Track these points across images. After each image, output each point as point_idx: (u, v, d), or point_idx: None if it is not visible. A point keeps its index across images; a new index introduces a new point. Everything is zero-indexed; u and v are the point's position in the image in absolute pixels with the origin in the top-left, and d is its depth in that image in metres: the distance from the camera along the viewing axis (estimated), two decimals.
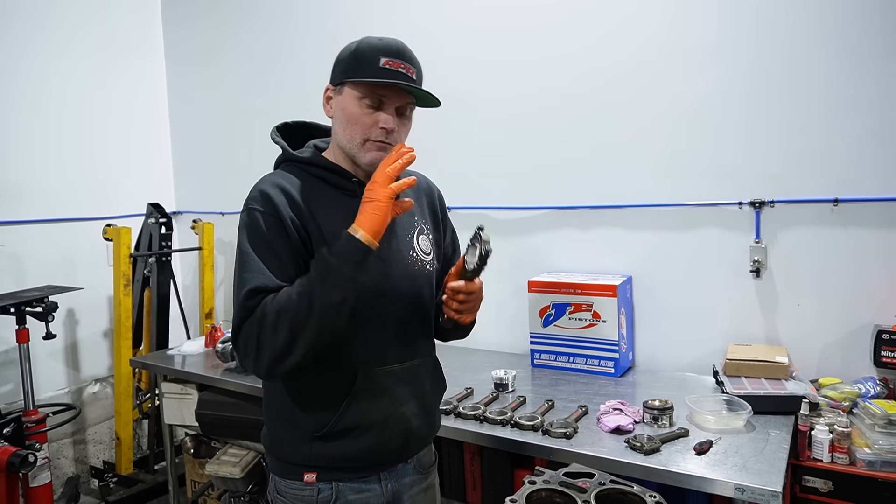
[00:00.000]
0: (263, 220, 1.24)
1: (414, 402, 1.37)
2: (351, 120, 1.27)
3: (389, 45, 1.26)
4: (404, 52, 1.28)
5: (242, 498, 2.57)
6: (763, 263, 2.19)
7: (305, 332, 1.15)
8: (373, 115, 1.27)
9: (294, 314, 1.15)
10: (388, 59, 1.24)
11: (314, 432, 1.29)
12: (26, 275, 3.22)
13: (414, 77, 1.28)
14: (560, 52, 2.52)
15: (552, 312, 2.38)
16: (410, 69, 1.28)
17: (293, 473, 1.32)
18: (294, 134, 1.45)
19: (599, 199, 2.50)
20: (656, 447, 1.64)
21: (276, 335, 1.15)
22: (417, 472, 1.43)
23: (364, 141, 1.28)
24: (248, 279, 1.21)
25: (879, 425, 1.70)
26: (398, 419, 1.34)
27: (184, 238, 3.85)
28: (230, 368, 2.58)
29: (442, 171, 2.84)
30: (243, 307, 1.20)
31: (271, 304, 1.17)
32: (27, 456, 2.38)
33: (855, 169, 2.04)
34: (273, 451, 1.37)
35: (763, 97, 2.15)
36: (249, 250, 1.23)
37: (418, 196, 1.48)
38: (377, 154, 1.28)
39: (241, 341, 1.20)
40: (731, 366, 2.03)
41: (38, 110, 3.29)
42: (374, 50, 1.25)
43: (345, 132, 1.29)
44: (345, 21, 3.07)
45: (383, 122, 1.27)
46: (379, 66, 1.24)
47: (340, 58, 1.31)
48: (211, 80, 3.72)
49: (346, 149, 1.31)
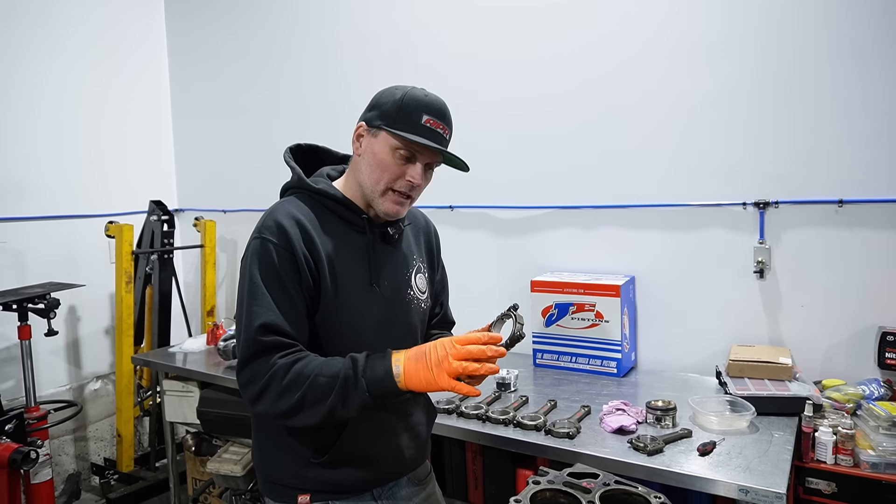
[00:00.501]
0: (277, 253, 1.23)
1: (407, 433, 1.40)
2: (381, 166, 1.28)
3: (433, 103, 1.28)
4: (445, 113, 1.30)
5: (243, 496, 2.57)
6: (767, 264, 2.18)
7: (308, 415, 1.18)
8: (403, 168, 1.28)
9: (303, 397, 1.16)
10: (430, 117, 1.26)
11: (311, 459, 1.29)
12: (28, 271, 3.22)
13: (448, 137, 1.31)
14: (564, 52, 2.51)
15: (555, 312, 2.37)
16: (447, 130, 1.30)
17: (286, 496, 1.33)
18: (305, 157, 1.45)
19: (603, 198, 2.49)
20: (659, 448, 1.64)
21: (279, 401, 1.17)
22: (413, 484, 1.44)
23: (387, 189, 1.29)
24: (259, 313, 1.20)
25: (883, 427, 1.70)
26: (392, 451, 1.36)
27: (186, 235, 3.85)
28: (231, 366, 2.58)
29: (445, 171, 2.85)
30: (256, 341, 1.19)
31: (287, 371, 1.17)
32: (29, 452, 2.38)
33: (860, 170, 2.03)
34: (266, 475, 1.36)
35: (768, 98, 2.15)
36: (260, 282, 1.22)
37: (417, 234, 1.51)
38: (395, 207, 1.31)
39: (245, 378, 1.21)
40: (734, 367, 2.02)
41: (41, 107, 3.29)
42: (420, 105, 1.27)
43: (371, 175, 1.30)
44: (346, 19, 3.06)
45: (411, 177, 1.28)
46: (421, 122, 1.25)
47: (382, 101, 1.30)
48: (213, 78, 3.71)
49: (366, 189, 1.32)
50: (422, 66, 2.85)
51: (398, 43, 2.92)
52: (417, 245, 1.49)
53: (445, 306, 1.62)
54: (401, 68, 2.90)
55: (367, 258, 1.33)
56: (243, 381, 1.21)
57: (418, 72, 2.83)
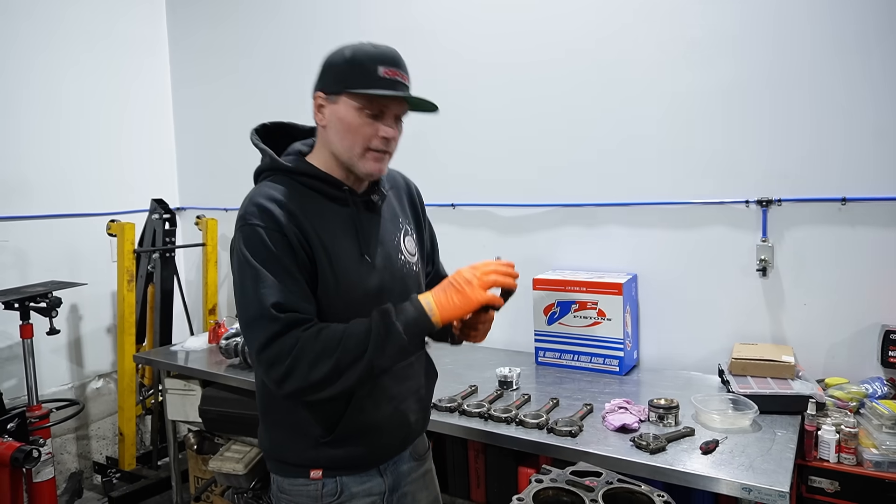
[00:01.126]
0: (267, 235, 1.20)
1: (412, 397, 1.41)
2: (351, 130, 1.25)
3: (385, 53, 1.25)
4: (399, 60, 1.27)
5: (246, 494, 2.57)
6: (770, 262, 2.18)
7: (344, 379, 1.16)
8: (373, 126, 1.25)
9: (338, 361, 1.15)
10: (385, 68, 1.23)
11: (320, 438, 1.30)
12: (30, 270, 3.22)
13: (408, 84, 1.29)
14: (563, 51, 2.51)
15: (557, 310, 2.37)
16: (405, 77, 1.28)
17: (298, 473, 1.33)
18: (273, 135, 1.41)
19: (605, 196, 2.49)
20: (662, 446, 1.63)
21: (312, 371, 1.15)
22: (413, 459, 1.46)
23: (364, 150, 1.27)
24: (268, 294, 1.17)
25: (887, 426, 1.69)
26: (399, 417, 1.37)
27: (187, 234, 3.85)
28: (233, 364, 2.58)
29: (447, 169, 2.86)
30: (273, 319, 1.16)
31: (315, 340, 1.16)
32: (31, 451, 2.38)
33: (863, 168, 2.02)
34: (276, 456, 1.37)
35: (771, 95, 2.14)
36: (259, 266, 1.19)
37: (399, 196, 1.48)
38: (376, 165, 1.28)
39: (269, 358, 1.16)
40: (736, 365, 2.02)
41: (42, 106, 3.29)
42: (372, 59, 1.23)
43: (343, 142, 1.27)
44: (350, 14, 3.05)
45: (384, 132, 1.26)
46: (378, 75, 1.22)
47: (333, 64, 1.27)
48: (215, 76, 3.71)
49: (342, 157, 1.29)
50: (431, 60, 2.84)
51: (405, 39, 2.90)
52: (401, 207, 1.47)
53: (437, 263, 1.61)
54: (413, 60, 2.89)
55: (355, 230, 1.31)
56: (268, 361, 1.17)
57: (426, 67, 2.82)
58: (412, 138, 2.79)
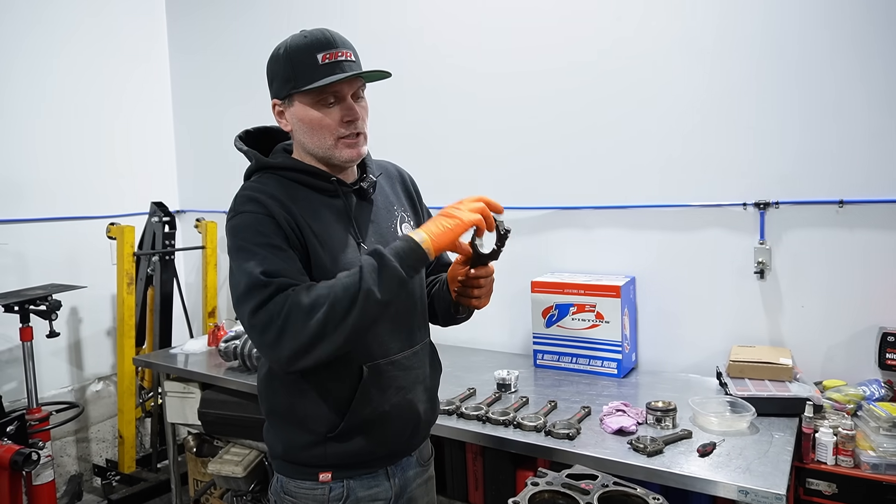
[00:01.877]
0: (256, 218, 1.20)
1: (419, 387, 1.38)
2: (314, 126, 1.25)
3: (318, 38, 1.22)
4: (335, 39, 1.24)
5: (245, 497, 2.58)
6: (767, 265, 2.18)
7: (342, 326, 1.10)
8: (333, 113, 1.25)
9: (333, 304, 1.09)
10: (323, 53, 1.21)
11: (327, 434, 1.28)
12: (30, 273, 3.23)
13: (354, 59, 1.26)
14: (564, 51, 2.51)
15: (555, 313, 2.37)
16: (348, 53, 1.25)
17: (306, 474, 1.31)
18: (258, 140, 1.41)
19: (603, 199, 2.49)
20: (659, 449, 1.64)
21: (307, 321, 1.09)
22: (419, 464, 1.45)
23: (336, 140, 1.26)
24: (257, 263, 1.15)
25: (884, 428, 1.69)
26: (406, 406, 1.34)
27: (187, 237, 3.86)
28: (233, 367, 2.58)
29: (444, 171, 2.86)
30: (263, 284, 1.13)
31: (306, 292, 1.12)
32: (30, 454, 2.38)
33: (861, 170, 2.02)
34: (284, 455, 1.34)
35: (769, 98, 2.14)
36: (250, 245, 1.18)
37: (392, 184, 1.47)
38: (352, 151, 1.28)
39: (262, 320, 1.12)
40: (734, 367, 2.02)
41: (42, 108, 3.29)
42: (306, 49, 1.22)
43: (312, 140, 1.27)
44: (353, 14, 3.06)
45: (347, 115, 1.25)
46: (318, 63, 1.21)
47: (274, 69, 1.27)
48: (215, 78, 3.72)
49: (318, 154, 1.29)
50: (426, 62, 2.85)
51: (404, 41, 2.91)
52: (395, 195, 1.46)
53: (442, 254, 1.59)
54: (405, 62, 2.90)
55: (349, 220, 1.31)
56: (261, 325, 1.12)
57: (421, 68, 2.83)
58: (409, 140, 2.81)
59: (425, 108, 2.86)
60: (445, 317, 1.49)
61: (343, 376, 1.28)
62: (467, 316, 1.48)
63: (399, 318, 1.34)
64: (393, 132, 2.76)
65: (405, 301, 1.36)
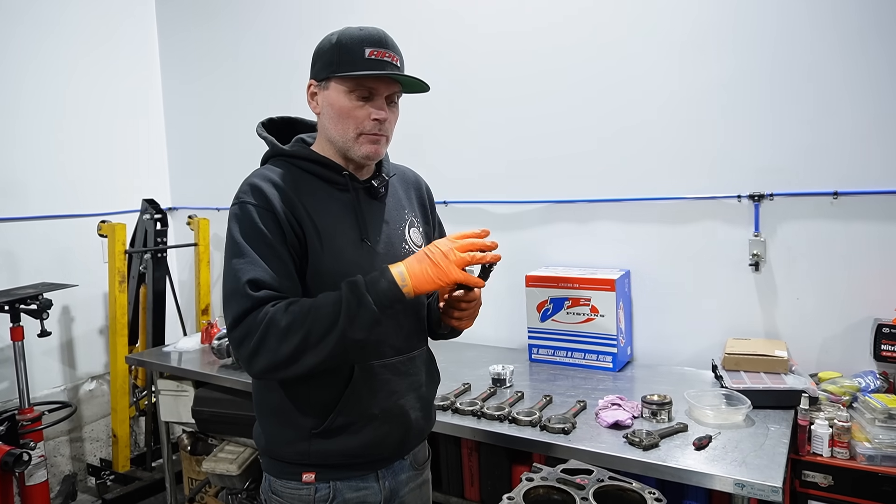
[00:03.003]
0: (257, 212, 1.21)
1: (412, 393, 1.36)
2: (342, 114, 1.26)
3: (371, 34, 1.25)
4: (387, 40, 1.26)
5: (239, 495, 2.56)
6: (762, 257, 2.18)
7: (315, 352, 1.13)
8: (364, 108, 1.25)
9: (307, 332, 1.12)
10: (372, 49, 1.23)
11: (312, 430, 1.27)
12: (20, 272, 3.20)
13: (398, 64, 1.27)
14: (561, 47, 2.50)
15: (550, 307, 2.36)
16: (395, 57, 1.26)
17: (290, 474, 1.30)
18: (280, 130, 1.43)
19: (597, 192, 2.48)
20: (655, 442, 1.63)
21: (281, 345, 1.12)
22: (413, 468, 1.42)
23: (358, 135, 1.27)
24: (245, 269, 1.18)
25: (879, 419, 1.69)
26: (397, 412, 1.33)
27: (179, 234, 3.83)
28: (226, 365, 2.57)
29: (439, 164, 2.84)
30: (245, 295, 1.16)
31: (284, 313, 1.14)
32: (21, 455, 2.37)
33: (855, 162, 2.02)
34: (269, 451, 1.34)
35: (763, 91, 2.13)
36: (243, 242, 1.20)
37: (407, 189, 1.47)
38: (372, 147, 1.28)
39: (239, 335, 1.16)
40: (730, 360, 2.02)
41: (32, 106, 3.26)
42: (358, 41, 1.23)
43: (336, 127, 1.28)
44: (339, 16, 3.04)
45: (376, 114, 1.25)
46: (364, 57, 1.22)
47: (321, 51, 1.28)
48: (206, 75, 3.69)
49: (337, 143, 1.29)
50: (421, 57, 2.83)
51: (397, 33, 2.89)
52: (409, 200, 1.45)
53: None
54: None
55: (354, 215, 1.30)
56: (237, 339, 1.16)
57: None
58: (404, 138, 2.78)
59: (420, 103, 2.84)
60: (433, 330, 1.47)
61: (334, 375, 1.26)
62: (450, 335, 1.47)
63: (397, 322, 1.33)
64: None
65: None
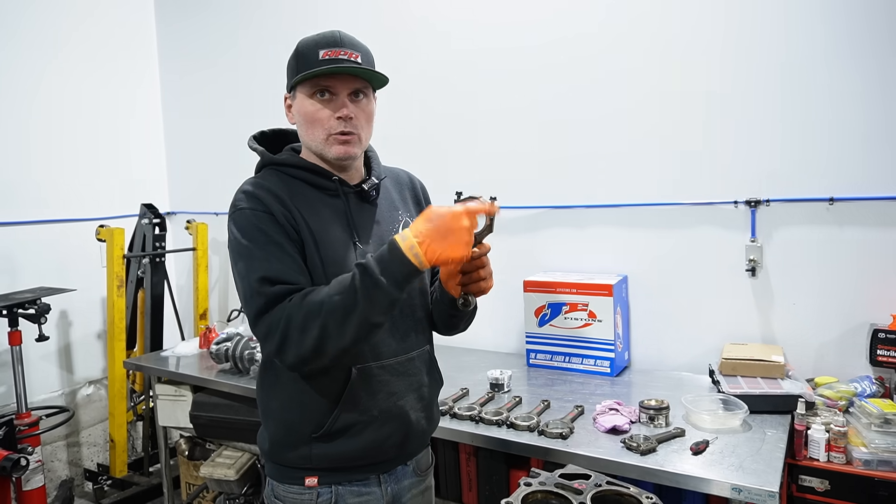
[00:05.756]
0: (254, 215, 1.23)
1: (412, 394, 1.36)
2: (308, 119, 1.29)
3: (325, 36, 1.28)
4: (342, 39, 1.28)
5: (237, 500, 2.56)
6: (759, 262, 2.19)
7: (337, 338, 1.13)
8: (327, 108, 1.27)
9: (325, 321, 1.12)
10: (326, 49, 1.26)
11: (313, 433, 1.28)
12: (18, 276, 3.20)
13: (359, 61, 1.28)
14: (560, 46, 2.51)
15: (548, 312, 2.37)
16: (352, 54, 1.27)
17: (293, 478, 1.31)
18: (272, 142, 1.44)
19: (595, 198, 2.49)
20: (652, 447, 1.63)
21: (304, 336, 1.13)
22: (416, 474, 1.42)
23: (327, 136, 1.28)
24: (256, 267, 1.19)
25: (876, 424, 1.70)
26: (397, 412, 1.33)
27: (178, 239, 3.83)
28: (224, 370, 2.57)
29: (437, 170, 2.84)
30: (259, 293, 1.17)
31: (299, 307, 1.14)
32: (19, 459, 2.36)
33: (851, 168, 2.03)
34: (272, 456, 1.35)
35: (759, 96, 2.15)
36: (248, 243, 1.22)
37: (400, 190, 1.48)
38: (342, 148, 1.29)
39: (262, 333, 1.18)
40: (727, 365, 2.02)
41: (30, 110, 3.26)
42: (312, 45, 1.27)
43: (308, 133, 1.30)
44: (341, 16, 3.05)
45: (338, 112, 1.27)
46: (318, 58, 1.25)
47: (288, 63, 1.33)
48: (205, 80, 3.69)
49: (313, 149, 1.32)
50: (426, 73, 2.84)
51: (398, 45, 2.90)
52: (402, 200, 1.46)
53: None
54: (404, 67, 2.89)
55: (346, 219, 1.31)
56: (261, 336, 1.19)
57: (422, 75, 2.82)
58: (404, 142, 2.80)
59: (420, 109, 2.86)
60: (448, 322, 1.43)
61: (333, 378, 1.27)
62: (474, 308, 1.41)
63: (394, 323, 1.33)
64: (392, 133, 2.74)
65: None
